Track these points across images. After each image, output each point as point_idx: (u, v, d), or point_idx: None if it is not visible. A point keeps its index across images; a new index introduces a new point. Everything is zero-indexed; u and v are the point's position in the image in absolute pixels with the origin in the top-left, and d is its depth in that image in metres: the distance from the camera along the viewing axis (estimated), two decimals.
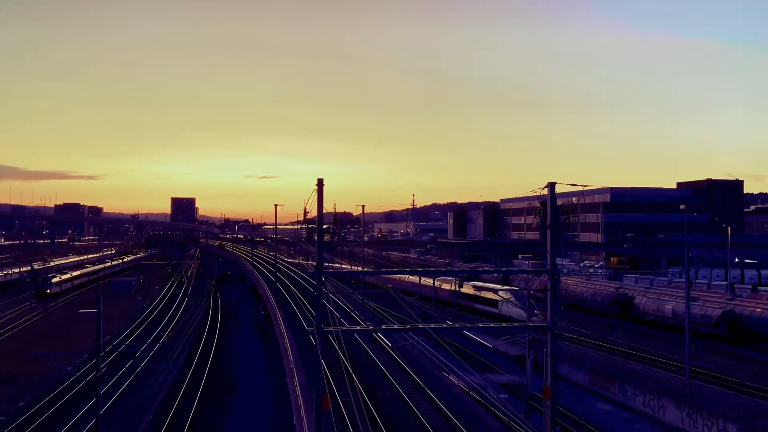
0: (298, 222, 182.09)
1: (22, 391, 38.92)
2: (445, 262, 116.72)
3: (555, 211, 22.69)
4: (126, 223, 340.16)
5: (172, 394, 38.34)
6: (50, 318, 70.74)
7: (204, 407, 35.67)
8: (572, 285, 73.20)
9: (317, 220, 22.94)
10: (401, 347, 47.24)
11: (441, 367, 41.55)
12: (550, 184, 22.20)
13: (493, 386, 36.87)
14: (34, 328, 64.06)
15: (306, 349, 41.81)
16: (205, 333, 60.36)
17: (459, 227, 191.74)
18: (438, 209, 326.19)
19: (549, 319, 22.30)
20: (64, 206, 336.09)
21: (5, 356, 49.18)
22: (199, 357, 48.99)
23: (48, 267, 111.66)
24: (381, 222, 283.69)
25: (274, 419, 33.30)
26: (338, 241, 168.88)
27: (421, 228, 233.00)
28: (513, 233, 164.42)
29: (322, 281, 22.34)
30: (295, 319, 57.33)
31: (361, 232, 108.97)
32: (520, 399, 34.62)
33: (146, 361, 47.50)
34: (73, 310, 70.97)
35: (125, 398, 37.56)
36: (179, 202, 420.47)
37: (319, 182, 22.22)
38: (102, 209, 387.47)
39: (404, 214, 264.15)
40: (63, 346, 52.44)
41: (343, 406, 31.43)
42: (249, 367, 46.60)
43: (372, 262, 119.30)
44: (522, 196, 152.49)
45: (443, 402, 33.41)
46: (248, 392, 39.36)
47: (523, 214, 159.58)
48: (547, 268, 22.49)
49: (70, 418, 32.98)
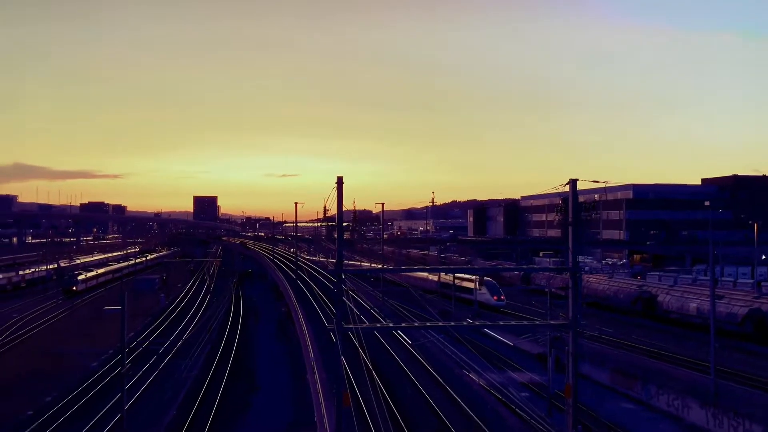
0: (318, 220, 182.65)
1: (49, 387, 39.70)
2: (465, 259, 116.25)
3: (577, 208, 22.44)
4: (149, 221, 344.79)
5: (195, 390, 38.81)
6: (76, 315, 72.04)
7: (226, 404, 36.04)
8: (594, 283, 72.44)
9: (337, 218, 23.02)
10: (421, 344, 47.20)
11: (461, 364, 41.42)
12: (572, 181, 21.95)
13: (513, 385, 36.66)
14: (61, 325, 65.31)
15: (326, 347, 41.97)
16: (227, 330, 60.96)
17: (479, 225, 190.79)
18: (458, 207, 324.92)
19: (571, 318, 22.09)
20: (89, 205, 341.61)
21: (33, 352, 50.23)
22: (221, 354, 49.50)
23: (74, 265, 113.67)
24: (400, 220, 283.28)
25: (295, 416, 33.53)
26: (358, 239, 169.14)
27: (440, 226, 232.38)
28: (534, 231, 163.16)
29: (341, 278, 22.41)
30: (316, 316, 57.61)
31: (381, 229, 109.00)
32: (541, 398, 34.36)
33: (169, 357, 48.15)
34: (99, 307, 71.97)
35: (149, 394, 38.12)
36: (201, 200, 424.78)
37: (338, 180, 22.28)
38: (126, 208, 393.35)
39: (424, 211, 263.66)
40: (89, 342, 53.39)
41: (363, 403, 31.51)
42: (270, 364, 46.96)
43: (391, 259, 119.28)
44: (543, 194, 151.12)
45: (464, 400, 33.31)
46: (269, 389, 39.66)
47: (545, 212, 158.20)
48: (569, 266, 22.27)
49: (96, 413, 33.56)
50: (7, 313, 70.42)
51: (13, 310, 73.40)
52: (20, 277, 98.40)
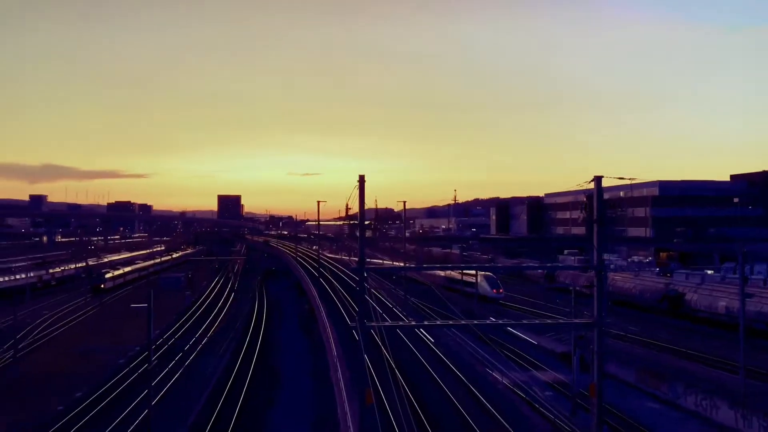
0: (340, 218, 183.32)
1: (78, 382, 40.54)
2: (488, 257, 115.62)
3: (602, 205, 22.16)
4: (175, 220, 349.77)
5: (220, 387, 39.30)
6: (104, 312, 73.44)
7: (250, 400, 36.42)
8: (620, 281, 71.51)
9: (359, 216, 23.09)
10: (444, 343, 47.12)
11: (484, 363, 41.25)
12: (597, 178, 21.70)
13: (537, 384, 36.38)
14: (90, 322, 66.63)
15: (349, 344, 42.13)
16: (251, 327, 61.57)
17: (502, 222, 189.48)
18: (480, 204, 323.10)
19: (596, 316, 21.84)
20: (116, 204, 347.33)
21: (63, 348, 51.33)
22: (246, 351, 50.01)
23: (101, 263, 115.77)
24: (422, 218, 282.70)
25: (319, 413, 33.74)
26: (380, 237, 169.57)
27: (462, 223, 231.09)
28: (558, 228, 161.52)
29: (364, 276, 22.47)
30: (338, 314, 57.86)
31: (403, 227, 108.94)
32: (565, 397, 34.07)
33: (195, 354, 48.82)
34: (126, 304, 73.38)
35: (175, 390, 38.70)
36: (225, 199, 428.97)
37: (360, 179, 22.33)
38: (152, 207, 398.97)
39: (446, 209, 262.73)
40: (116, 339, 54.42)
41: (386, 401, 31.57)
42: (293, 361, 47.31)
43: (413, 257, 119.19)
44: (567, 191, 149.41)
45: (487, 399, 33.19)
46: (293, 386, 39.97)
47: (569, 209, 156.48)
48: (594, 264, 22.02)
49: (124, 409, 34.19)
50: (38, 310, 72.04)
51: (44, 307, 75.06)
52: (50, 276, 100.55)
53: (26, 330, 58.13)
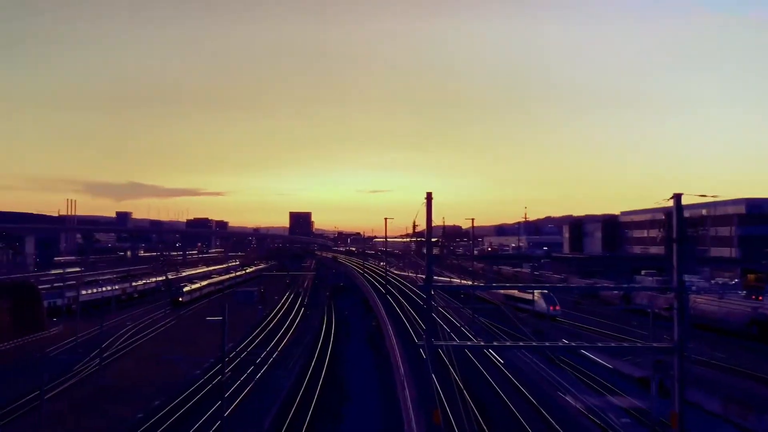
0: (407, 235, 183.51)
1: (157, 391, 42.36)
2: (560, 277, 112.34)
3: (681, 223, 21.21)
4: (249, 236, 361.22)
5: (290, 399, 39.98)
6: (182, 324, 76.55)
7: (319, 415, 36.82)
8: (702, 303, 67.59)
9: (426, 233, 23.11)
10: (513, 364, 46.02)
11: (556, 386, 39.95)
12: (676, 196, 20.83)
13: (613, 409, 34.82)
14: (168, 333, 69.62)
15: (416, 362, 41.92)
16: (320, 342, 62.41)
17: (575, 241, 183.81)
18: (552, 222, 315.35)
19: (676, 340, 20.78)
20: (195, 221, 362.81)
21: (144, 358, 53.83)
22: (314, 365, 50.71)
23: (180, 277, 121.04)
24: (491, 236, 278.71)
25: (386, 429, 33.64)
26: (447, 255, 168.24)
27: (533, 242, 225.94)
28: (635, 248, 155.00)
29: (431, 294, 22.40)
30: (405, 331, 57.73)
31: (471, 245, 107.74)
32: (644, 425, 32.40)
33: (266, 367, 49.96)
34: (202, 317, 76.31)
35: (247, 402, 39.71)
36: (296, 216, 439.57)
37: (428, 196, 22.40)
38: (228, 223, 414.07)
39: (516, 227, 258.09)
40: (192, 350, 56.53)
41: (454, 422, 31.11)
42: (360, 378, 47.51)
43: (482, 276, 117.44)
44: (645, 209, 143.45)
45: (558, 423, 32.05)
46: (360, 402, 40.10)
47: (646, 228, 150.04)
48: (674, 285, 21.02)
49: (198, 419, 35.39)
50: (121, 321, 76.03)
51: (127, 318, 79.13)
52: (133, 288, 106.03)
53: (111, 339, 61.41)
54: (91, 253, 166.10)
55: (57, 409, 37.26)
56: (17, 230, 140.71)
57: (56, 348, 57.96)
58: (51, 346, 57.05)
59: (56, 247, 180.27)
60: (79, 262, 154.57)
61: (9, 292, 66.20)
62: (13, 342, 58.58)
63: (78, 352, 54.90)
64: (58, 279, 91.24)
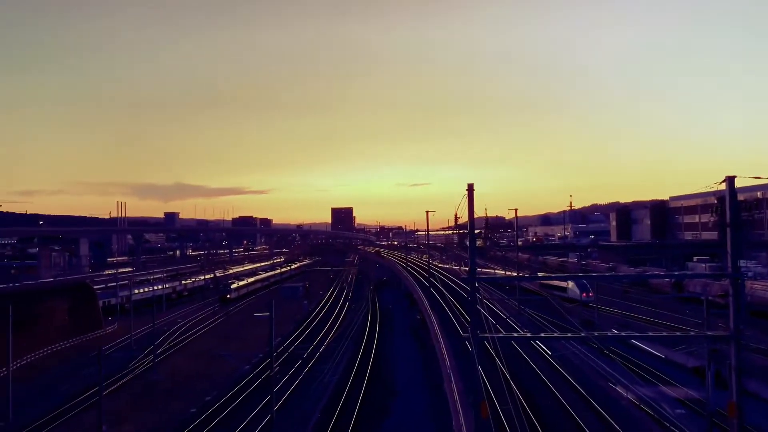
0: (449, 227, 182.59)
1: (208, 386, 43.46)
2: (608, 266, 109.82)
3: (735, 207, 20.42)
4: (292, 233, 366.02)
5: (337, 393, 40.39)
6: (230, 320, 78.25)
7: (366, 409, 37.06)
8: (759, 289, 64.96)
9: (468, 225, 22.90)
10: (561, 355, 45.27)
11: (606, 377, 39.11)
12: (729, 179, 20.05)
13: (667, 400, 33.87)
14: (218, 330, 71.28)
15: (462, 355, 41.71)
16: (365, 336, 62.79)
17: (623, 228, 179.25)
18: (598, 210, 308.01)
19: (732, 328, 20.03)
20: (240, 219, 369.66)
21: (196, 355, 55.29)
22: (360, 359, 51.06)
23: (227, 275, 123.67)
24: (535, 225, 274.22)
25: (433, 423, 33.61)
26: (490, 246, 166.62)
27: (579, 231, 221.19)
28: (686, 234, 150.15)
29: (475, 287, 22.21)
30: (450, 324, 57.51)
31: (515, 236, 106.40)
32: (700, 416, 31.39)
33: (313, 362, 50.60)
34: (249, 313, 77.88)
35: (295, 396, 40.31)
36: (338, 212, 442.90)
37: (469, 187, 22.17)
38: (272, 221, 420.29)
39: (561, 216, 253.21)
40: (241, 346, 57.74)
41: (502, 414, 30.85)
42: (406, 371, 47.58)
43: (527, 267, 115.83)
44: (696, 193, 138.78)
45: (610, 415, 31.39)
46: (407, 396, 40.17)
47: (698, 213, 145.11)
48: (728, 272, 20.25)
49: (249, 413, 36.13)
50: (172, 319, 78.24)
51: (178, 316, 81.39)
52: (183, 287, 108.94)
53: (163, 337, 63.28)
54: (142, 253, 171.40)
55: (115, 405, 38.64)
56: (72, 233, 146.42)
57: (112, 346, 60.08)
58: (107, 344, 59.18)
59: (108, 249, 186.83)
60: (131, 262, 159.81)
61: (67, 293, 68.97)
62: (72, 341, 61.01)
63: (132, 350, 56.83)
64: (111, 279, 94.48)
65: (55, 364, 53.41)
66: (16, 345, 40.80)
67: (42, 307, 59.79)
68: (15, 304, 41.96)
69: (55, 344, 57.86)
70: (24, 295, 62.09)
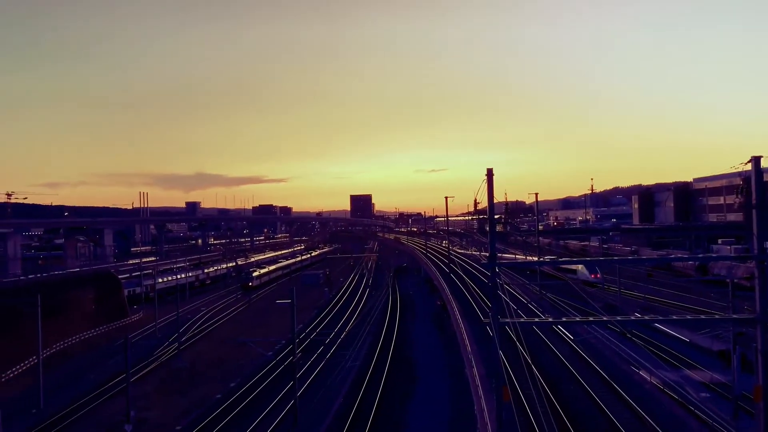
0: (469, 213, 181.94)
1: (232, 373, 44.11)
2: (631, 249, 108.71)
3: (761, 187, 20.00)
4: (312, 220, 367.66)
5: (359, 379, 40.72)
6: (252, 308, 79.15)
7: (388, 394, 37.34)
8: None
9: (488, 210, 22.78)
10: (584, 340, 45.05)
11: (629, 361, 38.86)
12: (755, 158, 19.63)
13: (691, 384, 33.59)
14: (241, 317, 72.18)
15: (483, 340, 41.72)
16: (386, 322, 63.10)
17: (645, 211, 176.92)
18: (620, 193, 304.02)
19: (758, 311, 19.72)
20: (260, 207, 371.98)
21: (220, 342, 56.09)
22: (381, 345, 51.36)
23: (249, 263, 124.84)
24: (556, 209, 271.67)
25: (455, 408, 33.78)
26: (511, 231, 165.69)
27: (601, 214, 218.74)
28: (710, 216, 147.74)
29: (495, 272, 22.13)
30: (471, 309, 57.49)
31: (535, 220, 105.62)
32: (725, 399, 31.11)
33: (335, 348, 51.03)
34: (271, 300, 78.71)
35: (318, 382, 40.75)
36: (357, 199, 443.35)
37: (488, 172, 22.00)
38: (291, 209, 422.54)
39: (582, 200, 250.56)
40: (264, 332, 58.42)
41: (524, 399, 30.87)
42: (427, 357, 47.78)
43: (548, 251, 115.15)
44: (720, 174, 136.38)
45: (634, 399, 31.23)
46: (428, 381, 40.37)
47: (722, 194, 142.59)
48: (754, 254, 19.89)
49: (273, 399, 36.64)
50: (196, 307, 79.37)
51: (201, 304, 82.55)
52: (205, 275, 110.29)
53: (187, 324, 64.26)
54: (164, 242, 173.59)
55: (142, 391, 39.44)
56: (96, 224, 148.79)
57: (137, 334, 61.21)
58: (133, 333, 60.31)
59: (132, 239, 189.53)
60: (154, 251, 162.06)
61: (93, 282, 70.31)
62: (99, 329, 62.28)
63: (157, 338, 57.85)
64: (135, 268, 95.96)
65: (82, 352, 54.62)
66: (45, 333, 41.76)
67: (69, 296, 61.04)
68: (44, 294, 42.94)
69: (82, 333, 59.10)
70: (52, 285, 63.48)
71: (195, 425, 32.67)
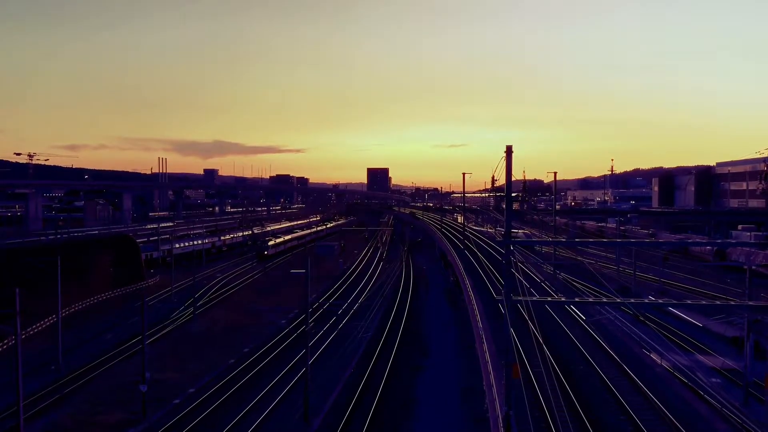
0: (486, 190, 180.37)
1: (247, 339, 44.85)
2: (649, 232, 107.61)
3: None
4: (328, 192, 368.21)
5: (370, 351, 41.19)
6: (268, 276, 79.98)
7: (398, 366, 37.76)
8: None
9: (506, 188, 22.65)
10: (596, 321, 44.99)
11: (641, 344, 38.79)
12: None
13: (703, 369, 33.49)
14: (255, 285, 73.02)
15: (495, 317, 41.87)
16: (398, 295, 63.48)
17: (665, 194, 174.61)
18: (640, 175, 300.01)
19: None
20: (277, 177, 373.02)
21: (235, 308, 56.90)
22: (393, 318, 51.77)
23: (264, 231, 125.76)
24: (574, 189, 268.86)
25: (464, 383, 34.10)
26: (527, 210, 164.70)
27: (620, 195, 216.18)
28: (732, 201, 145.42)
29: (510, 250, 22.09)
30: (484, 286, 57.56)
31: (553, 200, 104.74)
32: (736, 385, 31.01)
33: (347, 318, 51.56)
34: (286, 270, 79.30)
35: (329, 351, 41.30)
36: (374, 172, 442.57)
37: (507, 149, 21.84)
38: (308, 180, 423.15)
39: (601, 180, 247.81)
40: (278, 301, 59.15)
41: (533, 377, 31.04)
42: (439, 332, 48.12)
43: (564, 232, 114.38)
44: (744, 159, 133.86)
45: (644, 382, 31.24)
46: (439, 356, 40.72)
47: (745, 179, 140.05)
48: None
49: (285, 365, 37.25)
50: (212, 273, 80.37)
51: (217, 270, 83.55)
52: (222, 242, 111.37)
53: (203, 290, 65.19)
54: (182, 208, 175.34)
55: (157, 353, 40.28)
56: (116, 187, 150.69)
57: (154, 297, 62.25)
58: (149, 296, 61.36)
59: (150, 204, 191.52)
60: (172, 217, 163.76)
61: (111, 245, 71.42)
62: (116, 291, 63.46)
63: (173, 302, 58.82)
64: (153, 233, 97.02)
65: (100, 313, 55.77)
66: (64, 294, 42.62)
67: (88, 258, 62.08)
68: (64, 255, 43.72)
69: (100, 294, 60.25)
70: (71, 246, 64.56)
71: (208, 388, 33.40)
